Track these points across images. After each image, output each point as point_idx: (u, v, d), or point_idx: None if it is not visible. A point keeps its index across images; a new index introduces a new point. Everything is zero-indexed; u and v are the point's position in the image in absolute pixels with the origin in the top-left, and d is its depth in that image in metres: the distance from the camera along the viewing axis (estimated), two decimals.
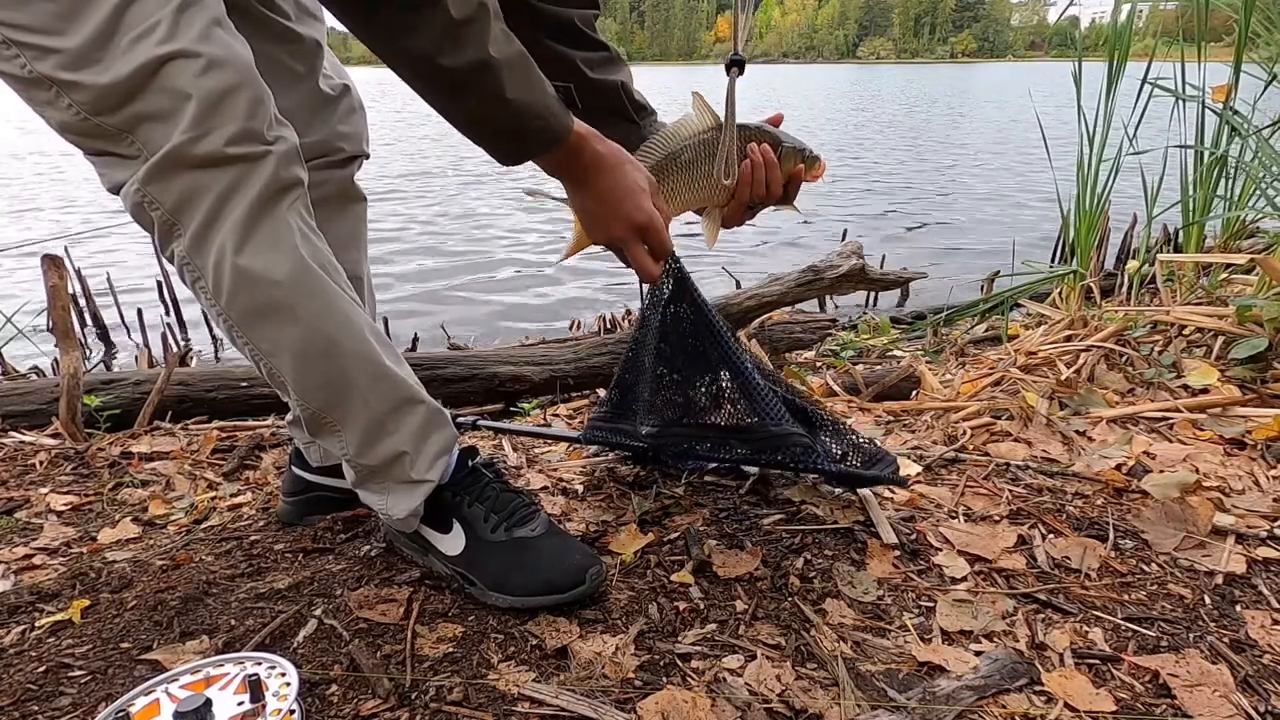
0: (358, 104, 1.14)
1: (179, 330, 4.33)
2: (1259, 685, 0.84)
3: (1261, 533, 1.12)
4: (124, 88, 0.74)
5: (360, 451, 0.95)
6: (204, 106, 0.76)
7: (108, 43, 0.74)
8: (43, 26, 0.74)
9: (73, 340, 1.74)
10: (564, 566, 0.96)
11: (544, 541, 0.99)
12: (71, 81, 0.75)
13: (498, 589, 0.96)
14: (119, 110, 0.76)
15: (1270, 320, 1.67)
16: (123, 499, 1.38)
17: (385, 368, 0.92)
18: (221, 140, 0.77)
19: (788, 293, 2.55)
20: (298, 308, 0.85)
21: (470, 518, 0.99)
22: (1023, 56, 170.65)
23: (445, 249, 6.38)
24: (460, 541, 0.99)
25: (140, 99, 0.75)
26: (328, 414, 0.93)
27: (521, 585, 0.95)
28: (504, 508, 1.00)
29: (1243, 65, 2.25)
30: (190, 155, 0.77)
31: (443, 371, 2.25)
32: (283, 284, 0.83)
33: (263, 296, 0.83)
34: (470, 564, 0.98)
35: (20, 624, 0.97)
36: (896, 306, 4.46)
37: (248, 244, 0.81)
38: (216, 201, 0.79)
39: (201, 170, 0.78)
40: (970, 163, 10.99)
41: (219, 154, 0.77)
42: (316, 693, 0.83)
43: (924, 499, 1.24)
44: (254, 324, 0.86)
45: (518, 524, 0.99)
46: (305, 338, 0.86)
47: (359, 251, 1.19)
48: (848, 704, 0.80)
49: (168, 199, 0.79)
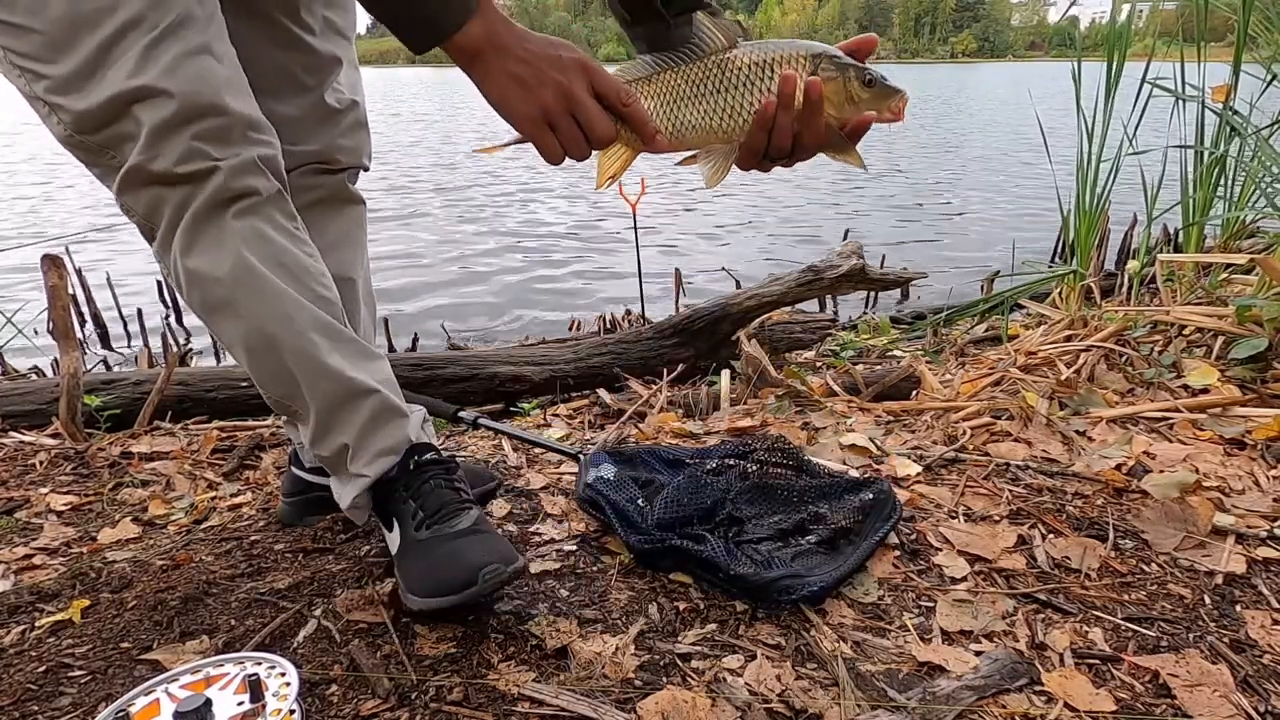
0: (363, 120, 1.18)
1: (179, 330, 4.33)
2: (1259, 685, 0.84)
3: (1261, 533, 1.12)
4: (99, 114, 0.84)
5: (314, 441, 0.99)
6: (157, 133, 0.85)
7: (92, 74, 0.84)
8: (37, 55, 0.84)
9: (73, 340, 1.74)
10: (459, 566, 0.88)
11: (456, 540, 0.92)
12: (58, 104, 0.86)
13: (410, 591, 0.92)
14: (99, 131, 0.86)
15: (1270, 320, 1.67)
16: (123, 499, 1.38)
17: (323, 365, 0.94)
18: (170, 161, 0.86)
19: (788, 293, 2.55)
20: (238, 305, 0.91)
21: (403, 514, 0.97)
22: (1023, 56, 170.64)
23: (445, 249, 6.38)
24: (397, 539, 0.98)
25: (116, 124, 0.85)
26: (286, 404, 0.99)
27: (424, 588, 0.90)
28: (433, 505, 0.96)
29: (1242, 65, 2.25)
30: (147, 172, 0.87)
31: (443, 371, 2.25)
32: (223, 281, 0.91)
33: (209, 294, 0.92)
34: (400, 563, 0.96)
35: (20, 624, 0.97)
36: (897, 306, 4.46)
37: (193, 248, 0.90)
38: (173, 211, 0.89)
39: (159, 185, 0.88)
40: (970, 163, 10.99)
41: (169, 172, 0.87)
42: (316, 693, 0.83)
43: (924, 499, 1.24)
44: (209, 318, 0.95)
45: (441, 520, 0.94)
46: (248, 332, 0.93)
47: (353, 252, 1.21)
48: (848, 704, 0.80)
49: (139, 207, 0.90)
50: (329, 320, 0.96)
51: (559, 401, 2.28)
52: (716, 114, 0.81)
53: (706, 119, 0.82)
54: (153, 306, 4.44)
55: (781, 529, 1.10)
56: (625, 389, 2.24)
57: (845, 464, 1.38)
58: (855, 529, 1.09)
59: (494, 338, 4.20)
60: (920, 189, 8.96)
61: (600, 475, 1.16)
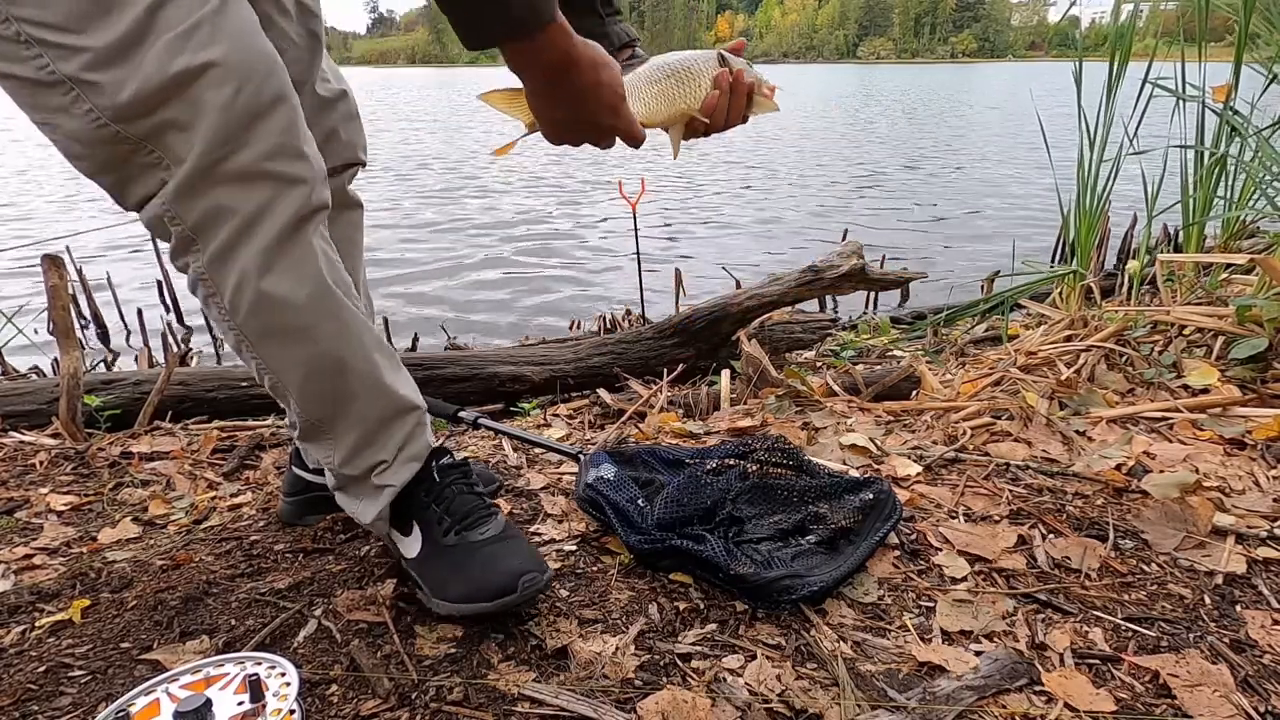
0: (354, 111, 1.12)
1: (179, 330, 4.33)
2: (1259, 685, 0.84)
3: (1261, 533, 1.12)
4: (154, 93, 0.70)
5: (344, 462, 0.95)
6: (235, 120, 0.72)
7: (140, 43, 0.69)
8: (70, 24, 0.69)
9: (73, 340, 1.74)
10: (497, 572, 0.90)
11: (488, 546, 0.93)
12: (95, 83, 0.70)
13: (439, 595, 0.92)
14: (145, 117, 0.71)
15: (1270, 320, 1.67)
16: (123, 499, 1.38)
17: (384, 384, 0.93)
18: (255, 155, 0.74)
19: (788, 293, 2.54)
20: (314, 330, 0.85)
21: (427, 520, 0.96)
22: (1023, 56, 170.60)
23: (445, 249, 6.38)
24: (417, 544, 0.97)
25: (169, 107, 0.71)
26: (325, 425, 0.93)
27: (457, 593, 0.91)
28: (459, 510, 0.96)
29: (1243, 65, 2.24)
30: (221, 171, 0.73)
31: (443, 371, 2.25)
32: (303, 309, 0.83)
33: (281, 319, 0.83)
34: (421, 568, 0.96)
35: (20, 624, 0.97)
36: (897, 306, 4.45)
37: (273, 269, 0.79)
38: (242, 222, 0.76)
39: (231, 186, 0.75)
40: (971, 163, 10.99)
41: (253, 169, 0.74)
42: (316, 693, 0.83)
43: (924, 499, 1.24)
44: (267, 343, 0.85)
45: (469, 527, 0.95)
46: (318, 356, 0.86)
47: (354, 259, 1.18)
48: (848, 704, 0.80)
49: (190, 215, 0.76)
50: (381, 338, 0.95)
51: (559, 401, 2.28)
52: (677, 101, 0.96)
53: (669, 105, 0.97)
54: (153, 307, 4.44)
55: (781, 529, 1.10)
56: (625, 389, 2.24)
57: (845, 464, 1.38)
58: (855, 529, 1.09)
59: (494, 338, 4.20)
60: (920, 189, 8.96)
61: (600, 475, 1.16)
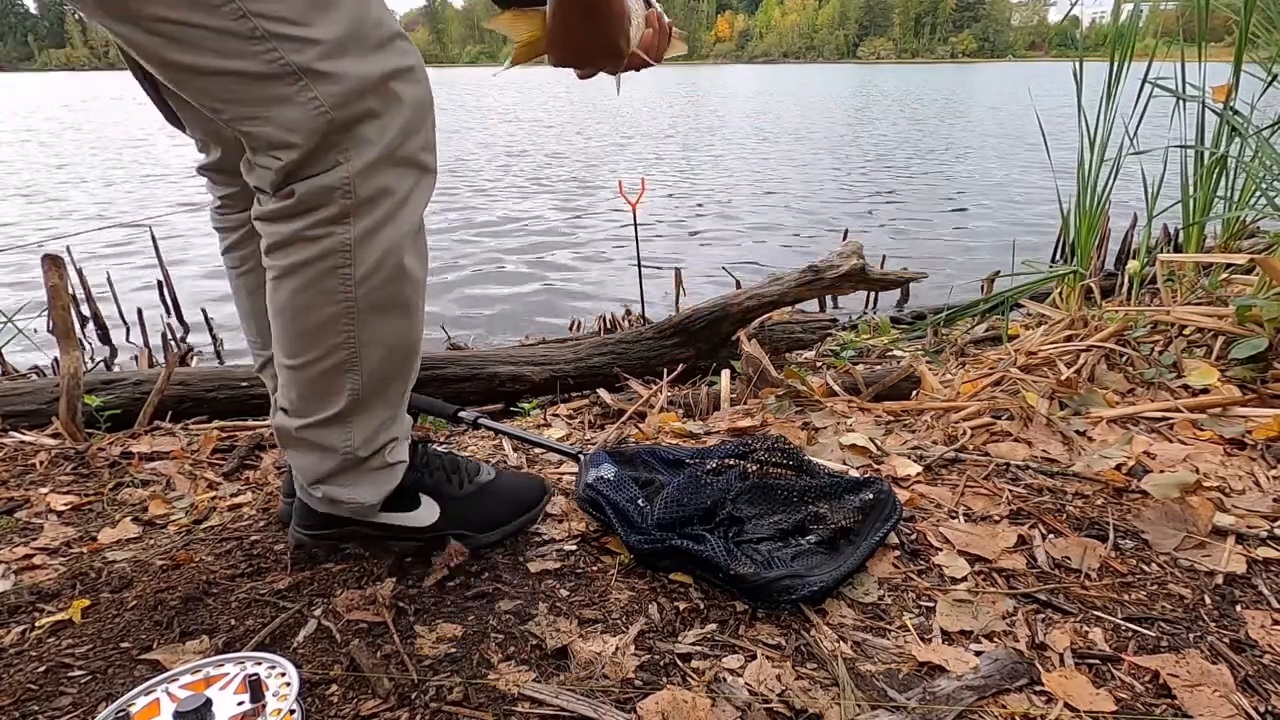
0: None
1: (179, 330, 4.33)
2: (1259, 685, 0.84)
3: (1261, 533, 1.12)
4: (371, 83, 0.77)
5: (364, 443, 0.95)
6: (416, 114, 0.82)
7: (357, 35, 0.76)
8: (300, 17, 0.73)
9: (73, 340, 1.74)
10: (529, 488, 1.18)
11: (504, 479, 1.16)
12: (329, 73, 0.75)
13: (487, 527, 1.10)
14: (356, 104, 0.77)
15: (1270, 320, 1.67)
16: (123, 499, 1.38)
17: (415, 366, 1.00)
18: (417, 146, 0.83)
19: (788, 293, 2.54)
20: (416, 307, 0.92)
21: (436, 485, 1.07)
22: (1023, 56, 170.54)
23: (445, 248, 6.38)
24: (434, 510, 1.06)
25: (373, 97, 0.78)
26: (363, 404, 0.93)
27: (505, 516, 1.12)
28: (458, 467, 1.11)
29: (1243, 65, 2.24)
30: (397, 155, 0.81)
31: (443, 371, 2.25)
32: (420, 285, 0.91)
33: (402, 293, 0.89)
34: (455, 520, 1.07)
35: (20, 624, 0.97)
36: (897, 307, 4.46)
37: (415, 245, 0.88)
38: (397, 202, 0.84)
39: (400, 169, 0.83)
40: (971, 163, 10.99)
41: (412, 158, 0.83)
42: (316, 693, 0.83)
43: (924, 499, 1.24)
44: (375, 316, 0.88)
45: (472, 476, 1.12)
46: (407, 331, 0.92)
47: None
48: (848, 704, 0.80)
49: (365, 190, 0.81)
50: None
51: (559, 401, 2.28)
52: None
53: None
54: (153, 307, 4.45)
55: (781, 529, 1.10)
56: (625, 389, 2.24)
57: (845, 464, 1.38)
58: (855, 529, 1.09)
59: (494, 337, 4.20)
60: (921, 189, 8.96)
61: (600, 475, 1.16)
